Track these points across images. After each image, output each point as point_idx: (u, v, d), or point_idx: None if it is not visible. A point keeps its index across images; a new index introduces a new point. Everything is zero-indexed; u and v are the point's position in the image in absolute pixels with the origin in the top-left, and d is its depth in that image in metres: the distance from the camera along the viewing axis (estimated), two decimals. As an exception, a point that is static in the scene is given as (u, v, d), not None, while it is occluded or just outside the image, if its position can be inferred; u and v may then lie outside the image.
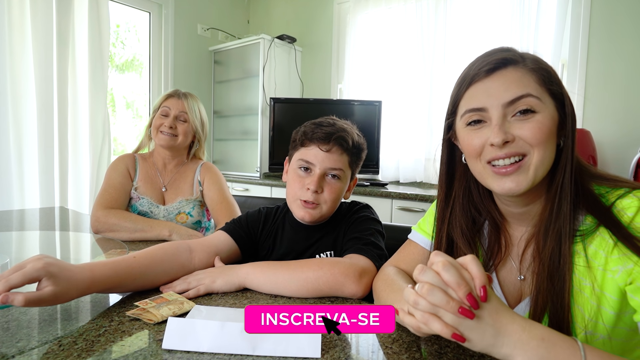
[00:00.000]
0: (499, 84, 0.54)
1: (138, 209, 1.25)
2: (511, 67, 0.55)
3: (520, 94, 0.53)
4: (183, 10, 3.00)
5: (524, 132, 0.53)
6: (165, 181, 1.32)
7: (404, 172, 2.52)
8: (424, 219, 0.76)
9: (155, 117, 1.29)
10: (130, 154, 1.34)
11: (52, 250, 1.05)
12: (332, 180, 0.83)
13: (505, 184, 0.54)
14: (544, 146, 0.53)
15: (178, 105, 1.29)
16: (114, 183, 1.24)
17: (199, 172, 1.34)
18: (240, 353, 0.51)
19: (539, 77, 0.54)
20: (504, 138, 0.53)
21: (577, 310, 0.53)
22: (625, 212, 0.51)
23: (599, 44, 1.95)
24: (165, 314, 0.60)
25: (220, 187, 1.32)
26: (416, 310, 0.43)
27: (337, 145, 0.82)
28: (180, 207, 1.27)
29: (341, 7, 2.90)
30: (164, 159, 1.33)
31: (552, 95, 0.55)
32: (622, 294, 0.51)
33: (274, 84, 2.88)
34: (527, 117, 0.53)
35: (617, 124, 1.91)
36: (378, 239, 0.83)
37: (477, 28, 2.27)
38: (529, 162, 0.53)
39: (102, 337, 0.54)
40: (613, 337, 0.52)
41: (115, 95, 2.85)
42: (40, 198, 2.18)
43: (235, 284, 0.72)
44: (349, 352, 0.52)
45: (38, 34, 2.13)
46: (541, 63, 0.56)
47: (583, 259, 0.53)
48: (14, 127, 2.10)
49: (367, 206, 0.93)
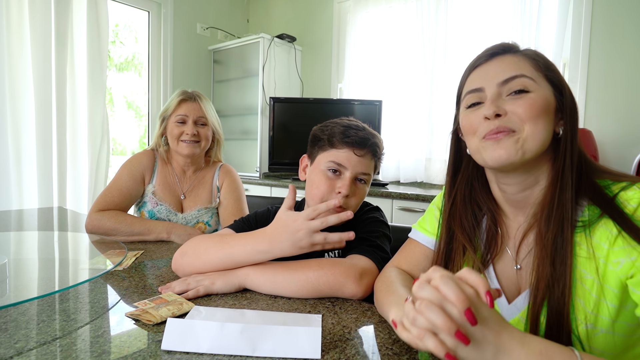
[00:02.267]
0: (496, 67, 0.59)
1: (156, 216, 1.21)
2: (509, 53, 0.59)
3: (514, 74, 0.56)
4: (182, 9, 2.99)
5: (515, 107, 0.55)
6: (184, 188, 1.26)
7: (405, 172, 2.52)
8: (423, 217, 0.76)
9: (171, 126, 1.21)
10: (152, 153, 1.26)
11: (50, 251, 1.05)
12: (360, 185, 0.83)
13: (496, 151, 0.56)
14: (534, 122, 0.55)
15: (195, 110, 1.22)
16: (121, 187, 1.18)
17: (217, 176, 1.29)
18: (239, 354, 0.50)
19: (536, 63, 0.58)
20: (496, 110, 0.56)
21: (578, 303, 0.53)
22: (629, 203, 0.51)
23: (600, 43, 1.94)
24: (164, 315, 0.59)
25: (238, 196, 1.26)
26: (412, 326, 0.43)
27: (371, 152, 0.82)
28: (198, 216, 1.24)
29: (341, 6, 2.90)
30: (182, 167, 1.27)
31: (549, 80, 0.58)
32: (624, 287, 0.50)
33: (274, 83, 2.88)
34: (520, 95, 0.56)
35: (618, 123, 1.91)
36: (384, 242, 0.82)
37: (478, 27, 2.26)
38: (518, 135, 0.56)
39: (101, 338, 0.53)
40: (614, 332, 0.52)
41: (114, 95, 2.84)
42: (38, 198, 2.17)
43: (235, 285, 0.72)
44: (349, 353, 0.52)
45: (36, 33, 2.13)
46: (540, 54, 0.60)
47: (585, 250, 0.53)
48: (13, 127, 2.09)
49: (377, 208, 0.93)
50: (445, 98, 2.35)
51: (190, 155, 1.22)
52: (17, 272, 0.79)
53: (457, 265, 0.64)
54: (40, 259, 0.96)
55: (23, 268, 0.85)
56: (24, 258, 0.96)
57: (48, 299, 0.66)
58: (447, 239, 0.66)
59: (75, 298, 0.68)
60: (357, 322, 0.62)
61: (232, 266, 0.74)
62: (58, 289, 0.72)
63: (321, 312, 0.64)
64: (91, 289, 0.73)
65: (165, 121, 1.24)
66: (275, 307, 0.66)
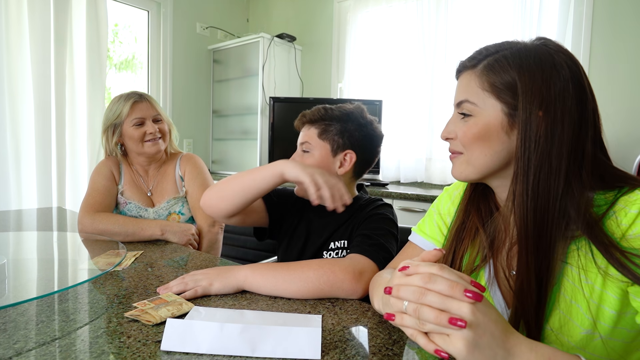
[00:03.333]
0: (457, 88, 0.63)
1: (127, 214, 1.22)
2: (466, 71, 0.61)
3: (460, 99, 0.60)
4: (182, 8, 2.99)
5: (459, 132, 0.60)
6: (149, 186, 1.28)
7: (405, 172, 2.52)
8: (423, 220, 0.75)
9: (129, 130, 1.20)
10: (114, 157, 1.28)
11: (49, 251, 1.05)
12: (304, 155, 0.92)
13: (452, 169, 0.63)
14: (469, 147, 0.58)
15: (149, 109, 1.23)
16: (98, 187, 1.19)
17: (178, 167, 1.29)
18: (239, 354, 0.50)
19: (483, 82, 0.57)
20: (445, 135, 0.62)
21: (577, 309, 0.53)
22: (630, 209, 0.50)
23: (601, 43, 1.94)
24: (164, 315, 0.59)
25: (202, 182, 1.26)
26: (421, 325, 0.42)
27: (302, 122, 0.95)
28: (169, 207, 1.24)
29: (341, 6, 2.90)
30: (144, 167, 1.29)
31: (498, 98, 0.56)
32: (623, 294, 0.50)
33: (274, 83, 2.87)
34: (465, 119, 0.59)
35: (619, 123, 1.91)
36: (388, 240, 0.82)
37: (478, 27, 2.26)
38: (464, 157, 0.60)
39: (100, 338, 0.53)
40: (613, 338, 0.52)
41: (114, 95, 2.84)
42: (37, 198, 2.17)
43: (234, 287, 0.72)
44: (349, 353, 0.51)
45: (35, 33, 2.12)
46: (493, 67, 0.56)
47: (584, 257, 0.52)
48: (11, 127, 2.09)
49: (388, 205, 0.94)
50: (446, 98, 2.35)
51: (158, 151, 1.24)
52: (16, 272, 0.79)
53: (465, 247, 0.64)
54: (39, 260, 0.96)
55: (22, 268, 0.85)
56: (23, 258, 0.96)
57: (47, 299, 0.66)
58: (462, 218, 0.66)
59: (75, 298, 0.67)
60: (358, 322, 0.62)
61: (250, 191, 0.83)
62: (57, 289, 0.72)
63: (321, 313, 0.64)
64: (90, 289, 0.72)
65: (118, 128, 1.22)
66: (275, 308, 0.66)
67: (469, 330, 0.39)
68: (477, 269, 0.63)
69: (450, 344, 0.40)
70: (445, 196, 0.74)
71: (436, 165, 2.42)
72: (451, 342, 0.40)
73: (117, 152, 1.26)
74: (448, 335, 0.40)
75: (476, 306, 0.40)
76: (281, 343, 0.51)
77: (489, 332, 0.40)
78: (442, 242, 0.70)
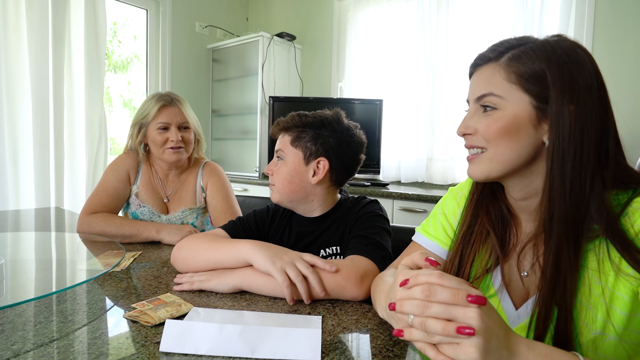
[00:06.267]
0: (475, 81, 0.60)
1: (139, 218, 1.20)
2: (488, 64, 0.58)
3: (483, 93, 0.57)
4: (181, 7, 2.98)
5: (481, 126, 0.57)
6: (167, 191, 1.25)
7: (405, 172, 2.51)
8: (427, 220, 0.75)
9: (153, 133, 1.18)
10: (135, 153, 1.24)
11: (47, 251, 1.04)
12: (279, 162, 0.90)
13: (470, 168, 0.60)
14: (494, 142, 0.56)
15: (176, 115, 1.18)
16: (108, 187, 1.17)
17: (201, 176, 1.27)
18: (239, 356, 0.50)
19: (510, 73, 0.55)
20: (462, 131, 0.59)
21: (587, 310, 0.52)
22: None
23: (603, 42, 1.93)
24: (162, 316, 0.59)
25: (226, 194, 1.25)
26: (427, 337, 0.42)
27: (277, 129, 0.93)
28: (183, 217, 1.22)
29: (341, 5, 2.89)
30: (165, 171, 1.25)
31: (526, 90, 0.54)
32: (635, 295, 0.50)
33: (274, 82, 2.87)
34: (488, 113, 0.57)
35: (621, 122, 1.88)
36: (383, 238, 0.82)
37: (479, 26, 2.25)
38: (485, 156, 0.57)
39: (99, 339, 0.53)
40: (623, 339, 0.52)
41: (112, 94, 2.83)
42: (35, 198, 2.16)
43: (231, 285, 0.72)
44: (349, 355, 0.51)
45: (33, 32, 2.11)
46: (520, 58, 0.55)
47: (596, 258, 0.52)
48: (9, 127, 2.08)
49: (375, 201, 0.93)
50: (447, 97, 2.34)
51: (178, 160, 1.20)
52: (14, 273, 0.79)
53: (475, 251, 0.63)
54: (37, 260, 0.96)
55: (20, 269, 0.84)
56: (21, 259, 0.95)
57: (45, 300, 0.66)
58: (470, 222, 0.65)
59: (73, 299, 0.67)
60: (358, 323, 0.61)
61: (218, 267, 0.77)
62: (55, 290, 0.72)
63: (321, 314, 0.64)
64: (89, 290, 0.72)
65: (144, 128, 1.20)
66: (275, 309, 0.66)
67: (478, 337, 0.39)
68: (486, 272, 0.62)
69: (462, 352, 0.39)
70: (450, 197, 0.73)
71: (437, 165, 2.42)
72: (462, 350, 0.39)
73: (139, 150, 1.23)
74: (458, 344, 0.40)
75: (482, 310, 0.40)
76: (281, 344, 0.51)
77: (495, 335, 0.40)
78: (446, 243, 0.69)
